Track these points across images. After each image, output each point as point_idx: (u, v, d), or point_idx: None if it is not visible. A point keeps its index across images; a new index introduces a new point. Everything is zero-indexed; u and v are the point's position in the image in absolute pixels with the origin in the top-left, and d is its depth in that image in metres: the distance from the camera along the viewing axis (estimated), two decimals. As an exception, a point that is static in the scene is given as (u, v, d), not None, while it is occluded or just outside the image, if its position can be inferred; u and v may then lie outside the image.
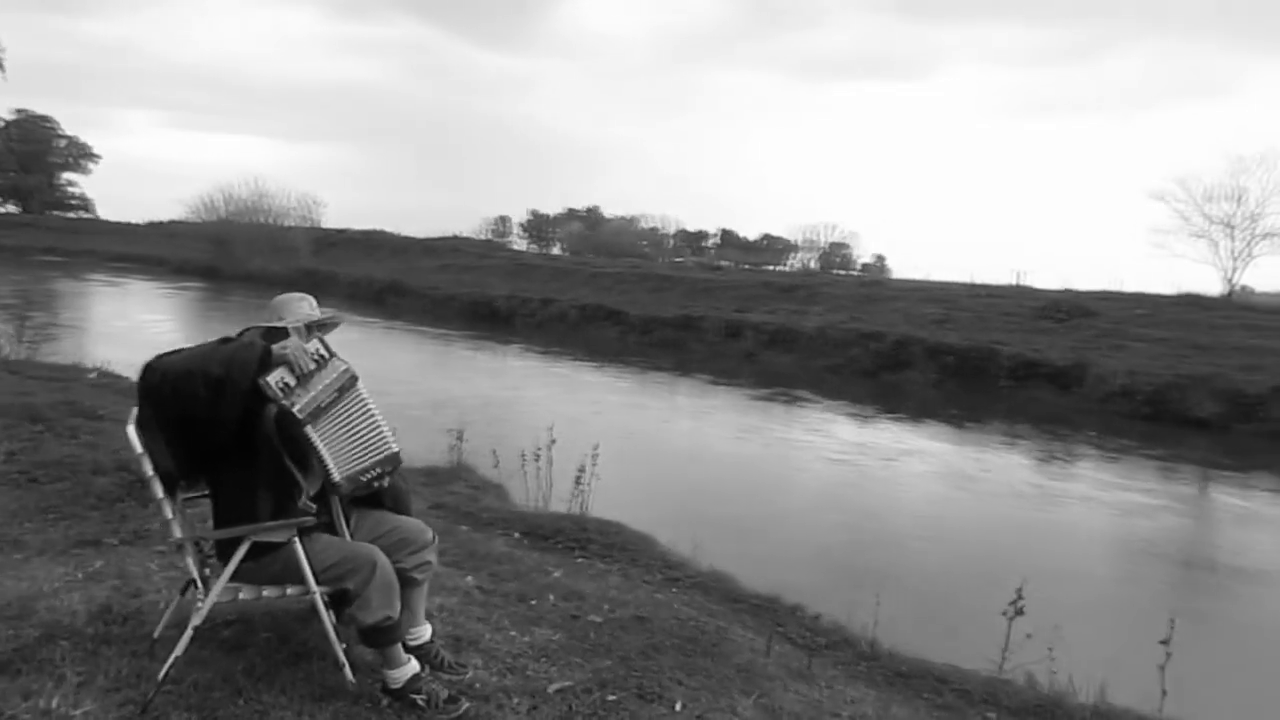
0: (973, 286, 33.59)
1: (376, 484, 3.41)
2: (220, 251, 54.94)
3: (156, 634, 3.60)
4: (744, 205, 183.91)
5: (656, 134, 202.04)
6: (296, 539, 3.21)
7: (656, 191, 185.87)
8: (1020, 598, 5.25)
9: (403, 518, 3.62)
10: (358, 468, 3.31)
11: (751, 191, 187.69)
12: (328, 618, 3.32)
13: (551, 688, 3.75)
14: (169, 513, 3.13)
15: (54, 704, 3.05)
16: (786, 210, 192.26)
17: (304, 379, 3.22)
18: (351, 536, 3.44)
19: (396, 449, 3.44)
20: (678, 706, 3.77)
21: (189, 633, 3.20)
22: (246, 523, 3.19)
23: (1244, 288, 31.34)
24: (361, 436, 3.33)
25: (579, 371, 24.82)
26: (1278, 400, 20.21)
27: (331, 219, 66.50)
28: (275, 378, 3.18)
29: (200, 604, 3.19)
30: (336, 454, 3.27)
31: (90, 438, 7.40)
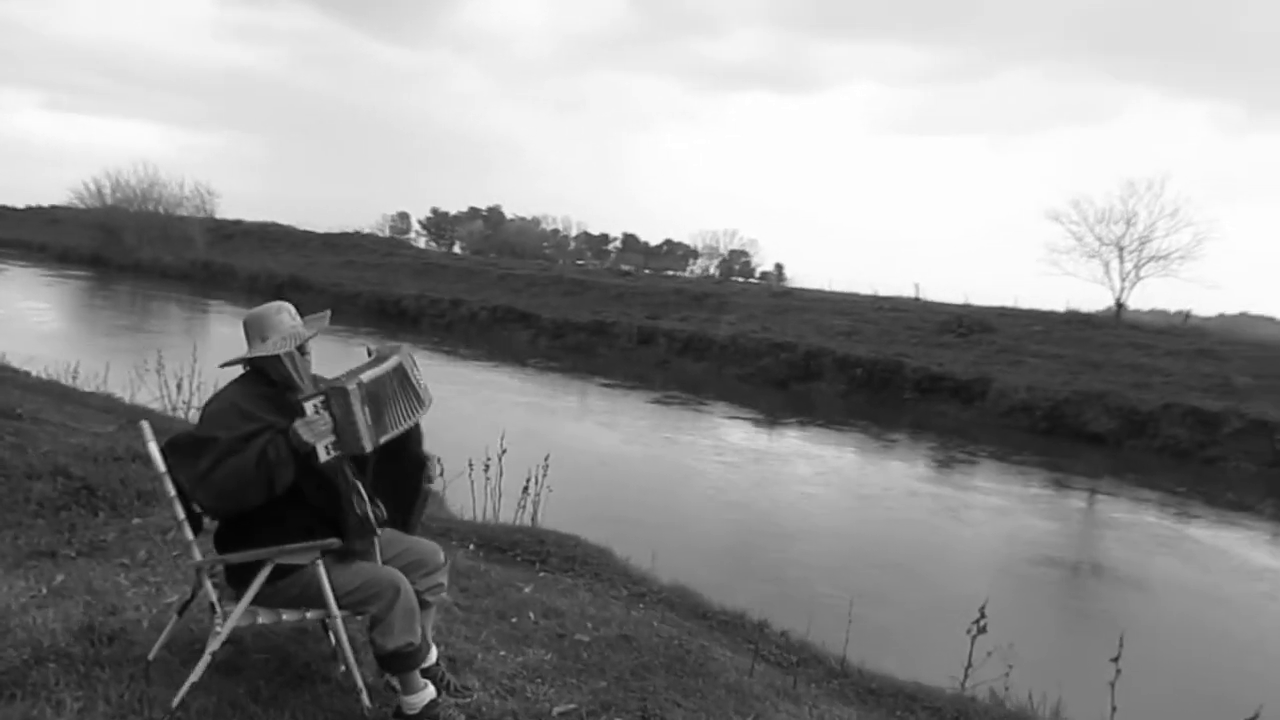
0: (877, 299, 34.45)
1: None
2: (108, 239, 52.76)
3: (151, 656, 3.42)
4: (646, 210, 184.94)
5: (558, 134, 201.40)
6: (320, 562, 3.10)
7: (559, 193, 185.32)
8: (983, 616, 5.40)
9: (415, 539, 3.53)
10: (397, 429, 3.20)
11: (654, 196, 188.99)
12: (347, 643, 3.21)
13: (555, 710, 3.70)
14: (189, 534, 2.98)
15: (56, 733, 2.88)
16: (688, 216, 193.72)
17: (338, 429, 3.07)
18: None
19: (398, 360, 3.31)
20: (683, 729, 3.77)
21: (206, 658, 3.06)
22: (267, 545, 3.06)
23: (1117, 307, 32.85)
24: (396, 405, 3.20)
25: (495, 374, 24.62)
26: (1167, 417, 21.28)
27: (226, 210, 64.32)
28: (323, 454, 3.03)
29: (219, 629, 3.05)
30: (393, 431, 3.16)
31: (13, 439, 7.00)
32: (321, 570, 3.10)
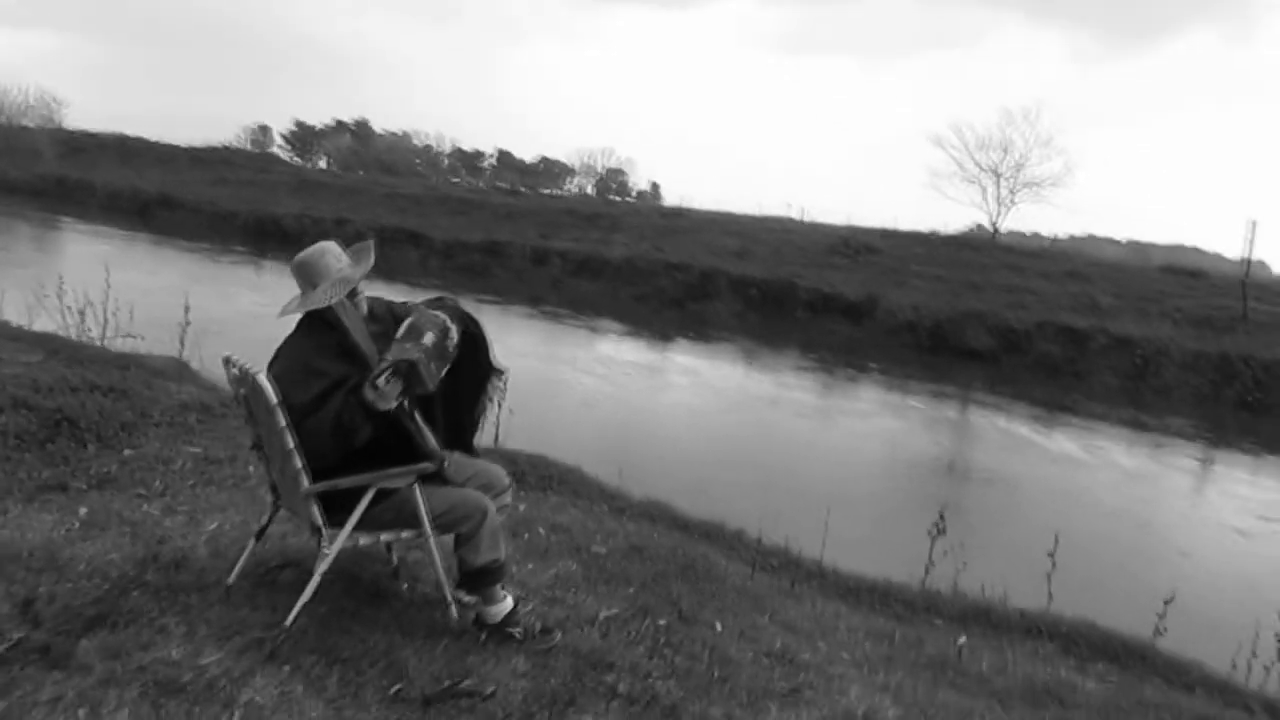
0: (767, 220, 35.14)
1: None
2: (-57, 151, 48.93)
3: (231, 580, 3.56)
4: (521, 126, 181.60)
5: (431, 45, 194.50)
6: (416, 486, 3.28)
7: (431, 107, 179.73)
8: (943, 519, 5.93)
9: (484, 463, 3.73)
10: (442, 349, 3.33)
11: (529, 112, 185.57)
12: (439, 562, 3.42)
13: (602, 614, 4.00)
14: (298, 463, 3.10)
15: (176, 655, 3.02)
16: (564, 134, 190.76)
17: (409, 386, 3.19)
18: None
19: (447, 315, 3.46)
20: (718, 627, 4.12)
21: (316, 579, 3.22)
22: (368, 471, 3.21)
23: (993, 230, 34.42)
24: (431, 337, 3.31)
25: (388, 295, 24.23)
26: (1040, 334, 22.66)
27: (75, 121, 60.34)
28: (393, 396, 3.14)
29: (326, 551, 3.21)
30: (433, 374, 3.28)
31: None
32: (418, 493, 3.28)
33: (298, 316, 3.39)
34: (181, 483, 4.84)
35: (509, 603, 3.53)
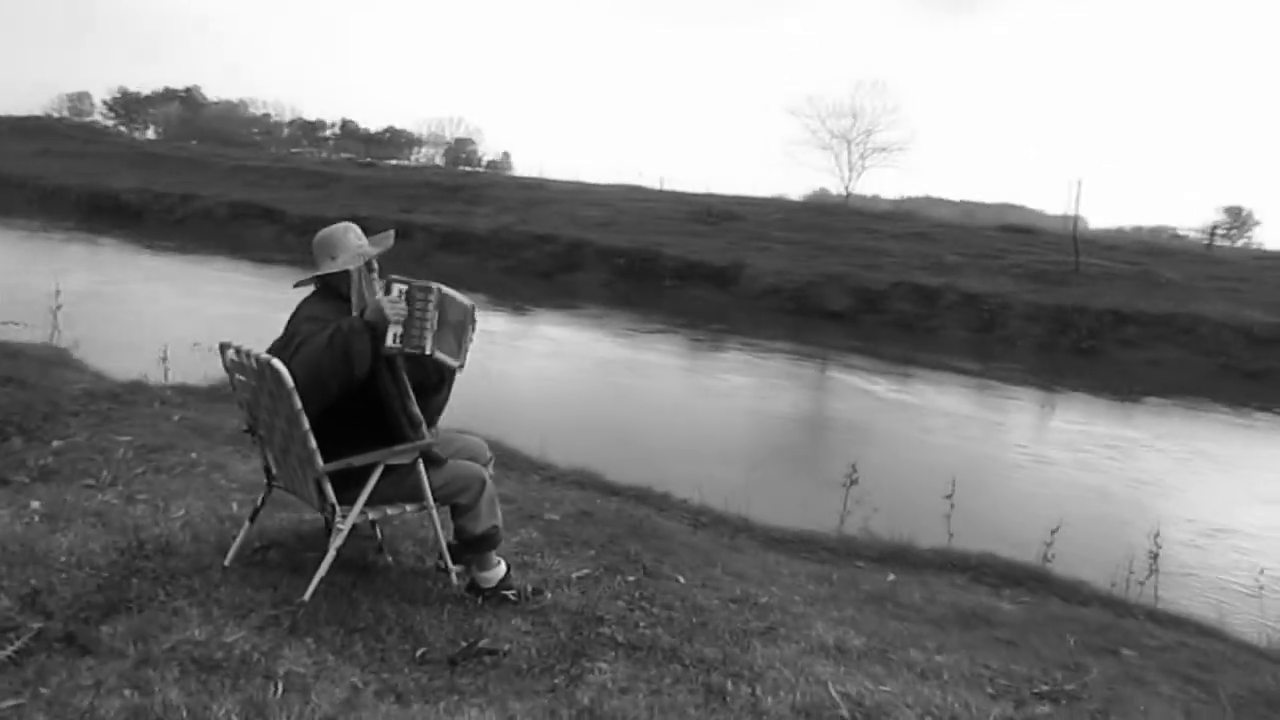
0: (628, 189, 35.48)
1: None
2: None
3: (227, 562, 3.63)
4: (365, 94, 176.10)
5: (265, 8, 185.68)
6: (420, 461, 3.43)
7: (267, 75, 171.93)
8: (855, 472, 6.40)
9: (465, 435, 3.89)
10: (466, 342, 3.52)
11: (374, 80, 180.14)
12: (441, 532, 3.58)
13: (574, 575, 4.23)
14: (312, 444, 3.20)
15: (200, 635, 3.10)
16: (410, 103, 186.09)
17: (408, 321, 3.36)
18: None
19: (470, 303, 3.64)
20: (681, 579, 4.42)
21: (331, 554, 3.34)
22: (374, 450, 3.34)
23: (846, 195, 35.82)
24: (455, 316, 3.49)
25: (247, 275, 23.48)
26: (896, 294, 23.85)
27: None
28: (389, 339, 3.30)
29: (340, 526, 3.33)
30: (450, 351, 3.45)
31: None
32: (422, 467, 3.43)
33: (305, 294, 3.51)
34: (130, 471, 4.79)
35: (502, 568, 3.72)
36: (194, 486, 4.67)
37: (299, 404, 3.15)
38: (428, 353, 3.41)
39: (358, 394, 3.34)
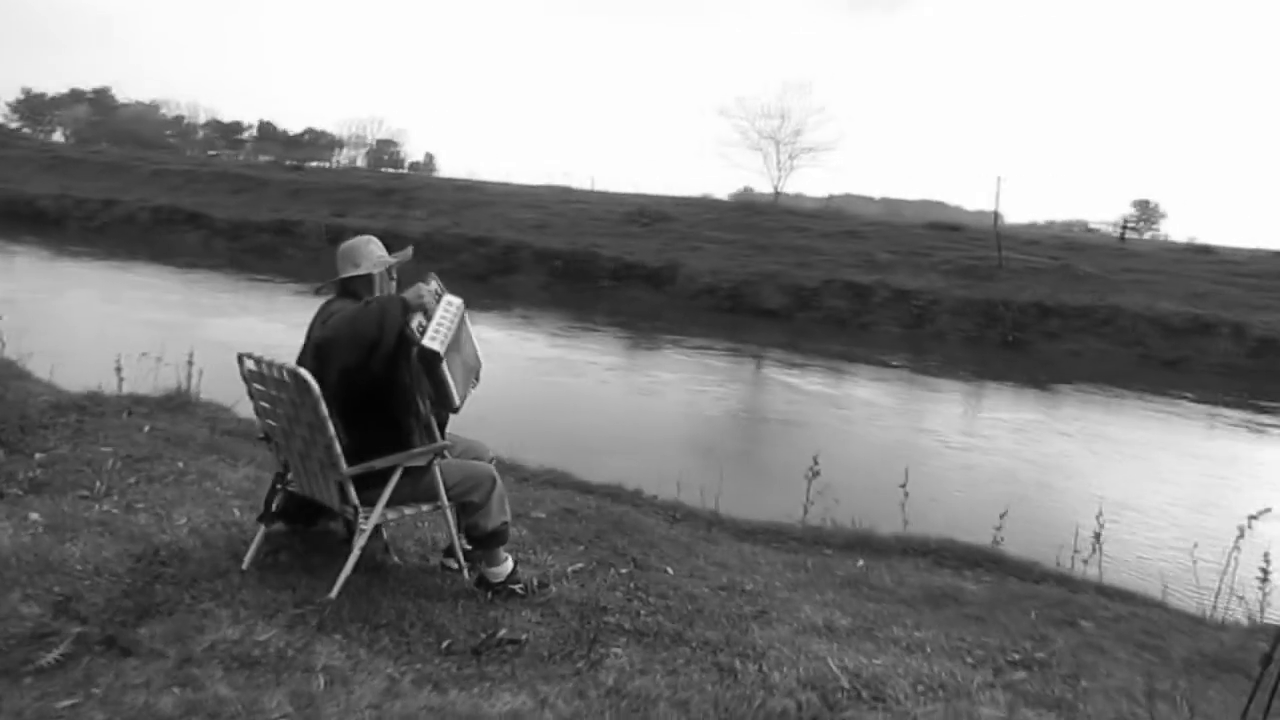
0: (560, 191, 35.58)
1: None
2: None
3: (245, 565, 3.74)
4: (283, 95, 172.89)
5: (173, 6, 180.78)
6: (436, 462, 3.59)
7: (180, 75, 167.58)
8: (816, 463, 6.69)
9: (467, 437, 4.06)
10: (469, 389, 3.75)
11: (292, 81, 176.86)
12: (455, 530, 3.75)
13: (570, 569, 4.43)
14: (337, 449, 3.35)
15: (234, 634, 3.22)
16: (330, 104, 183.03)
17: (433, 318, 3.57)
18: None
19: (481, 359, 3.91)
20: (670, 570, 4.64)
21: (356, 553, 3.49)
22: (393, 453, 3.50)
23: (776, 194, 36.44)
24: (470, 358, 3.75)
25: (179, 281, 23.06)
26: (828, 291, 24.37)
27: None
28: (415, 322, 3.51)
29: (363, 526, 3.47)
30: (457, 380, 3.66)
31: None
32: (437, 469, 3.60)
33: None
34: (122, 482, 4.84)
35: (510, 563, 3.90)
36: (189, 495, 4.74)
37: (325, 410, 3.29)
38: (439, 353, 3.58)
39: (376, 402, 3.50)
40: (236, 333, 15.58)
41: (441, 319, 3.61)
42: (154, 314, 16.87)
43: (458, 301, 3.74)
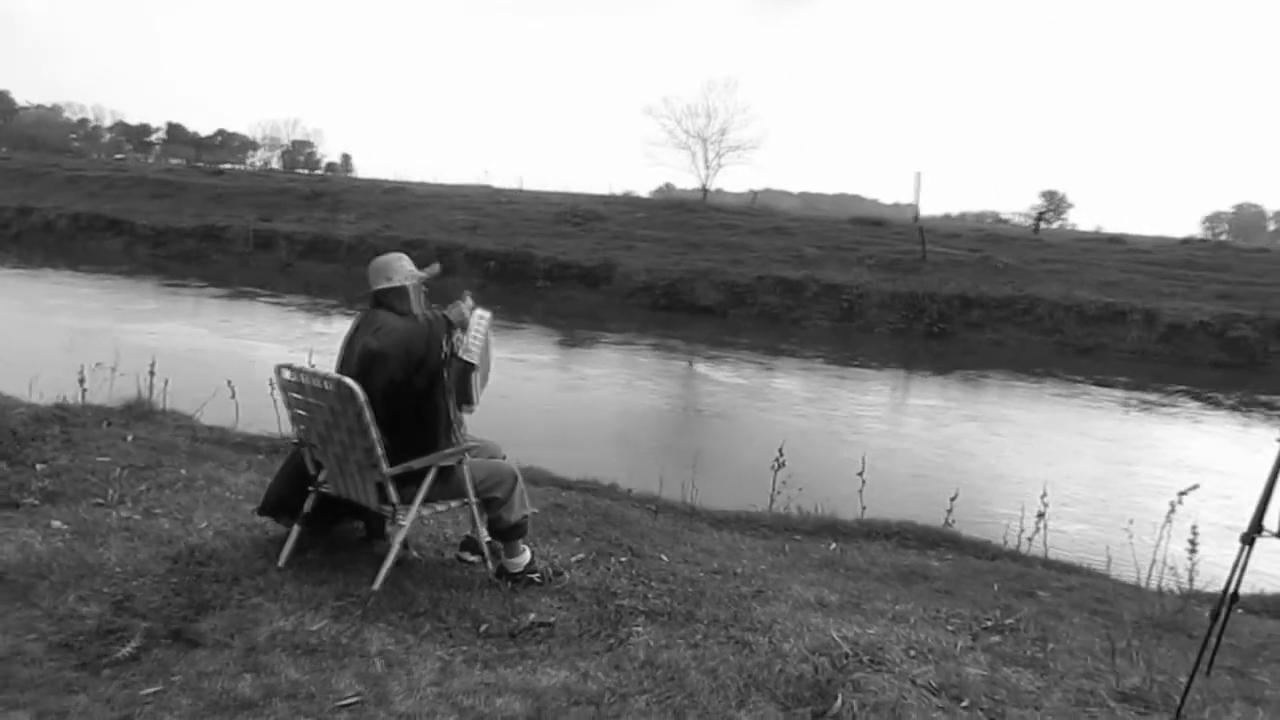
0: (494, 192, 35.60)
1: None
2: None
3: (282, 563, 3.96)
4: (192, 96, 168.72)
5: (70, 7, 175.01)
6: (465, 462, 3.86)
7: (82, 78, 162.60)
8: (781, 455, 7.08)
9: (483, 438, 4.32)
10: (483, 390, 4.03)
11: (200, 82, 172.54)
12: (481, 523, 4.02)
13: (574, 559, 4.72)
14: (379, 451, 3.59)
15: (287, 625, 3.45)
16: (242, 104, 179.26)
17: (469, 334, 3.84)
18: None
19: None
20: (664, 558, 4.96)
21: (395, 548, 3.74)
22: (425, 454, 3.76)
23: (704, 192, 36.90)
24: (488, 363, 4.03)
25: (108, 289, 22.61)
26: (761, 287, 24.94)
27: None
28: (455, 340, 3.78)
29: (402, 523, 3.72)
30: (478, 384, 3.94)
31: None
32: (466, 468, 3.86)
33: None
34: (133, 489, 4.98)
35: (528, 554, 4.18)
36: (201, 500, 4.91)
37: (368, 416, 3.54)
38: (475, 365, 3.87)
39: (413, 409, 3.76)
40: (186, 339, 15.48)
41: (476, 333, 3.89)
42: (90, 322, 16.63)
43: (488, 315, 4.02)
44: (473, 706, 3.01)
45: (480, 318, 4.04)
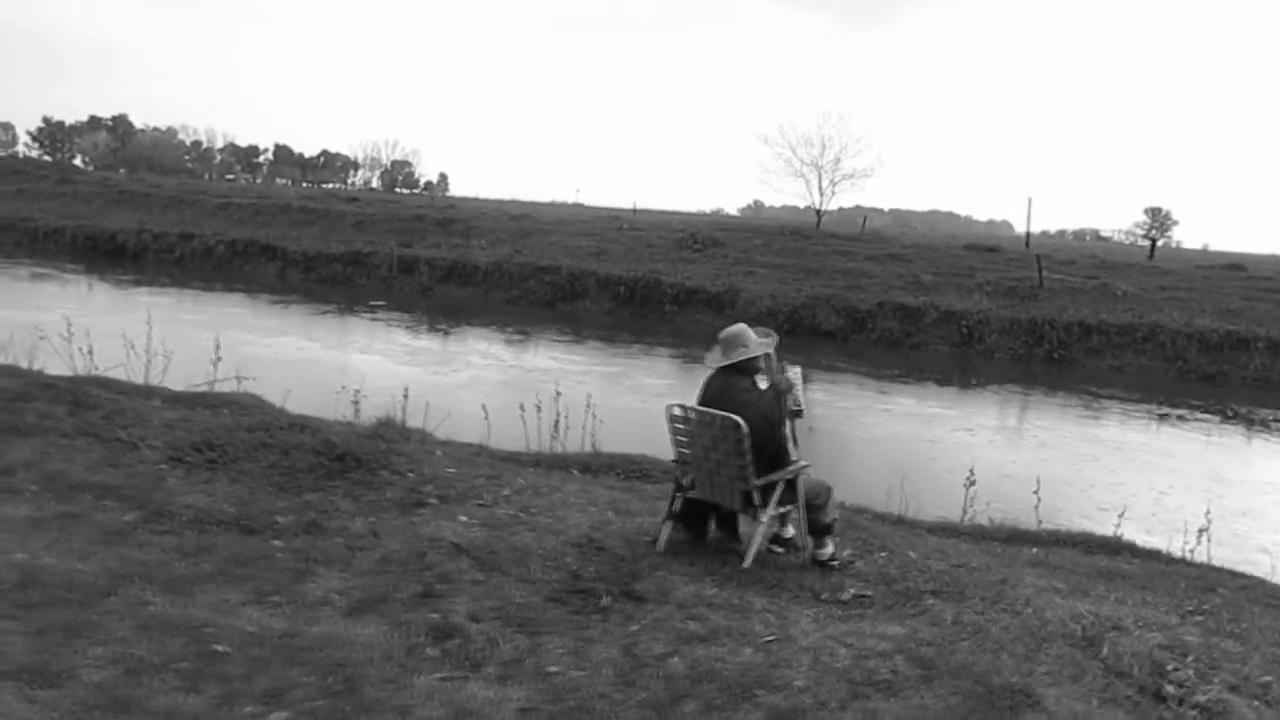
0: (610, 219, 37.33)
1: None
2: None
3: (660, 548, 5.39)
4: (296, 118, 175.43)
5: (177, 33, 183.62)
6: (801, 476, 5.25)
7: (194, 100, 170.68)
8: (972, 474, 8.31)
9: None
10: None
11: (304, 103, 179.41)
12: (804, 525, 5.41)
13: (845, 554, 6.04)
14: (752, 469, 5.00)
15: (691, 590, 4.86)
16: (343, 125, 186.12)
17: (797, 393, 5.25)
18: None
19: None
20: (912, 554, 6.25)
21: (759, 538, 5.17)
22: (775, 472, 5.16)
23: (818, 219, 38.05)
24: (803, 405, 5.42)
25: (284, 315, 24.75)
26: (881, 313, 25.99)
27: None
28: (791, 402, 5.19)
29: (763, 520, 5.13)
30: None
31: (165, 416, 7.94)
32: (800, 481, 5.25)
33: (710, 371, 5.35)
34: (499, 493, 6.47)
35: (831, 546, 5.54)
36: (558, 503, 6.38)
37: (749, 443, 4.95)
38: (801, 412, 5.26)
39: (763, 442, 5.16)
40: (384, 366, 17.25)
41: (801, 390, 5.27)
42: (303, 344, 18.57)
43: (799, 370, 5.39)
44: (853, 644, 4.37)
45: (796, 374, 5.39)
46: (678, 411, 5.30)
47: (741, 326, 5.56)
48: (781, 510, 5.34)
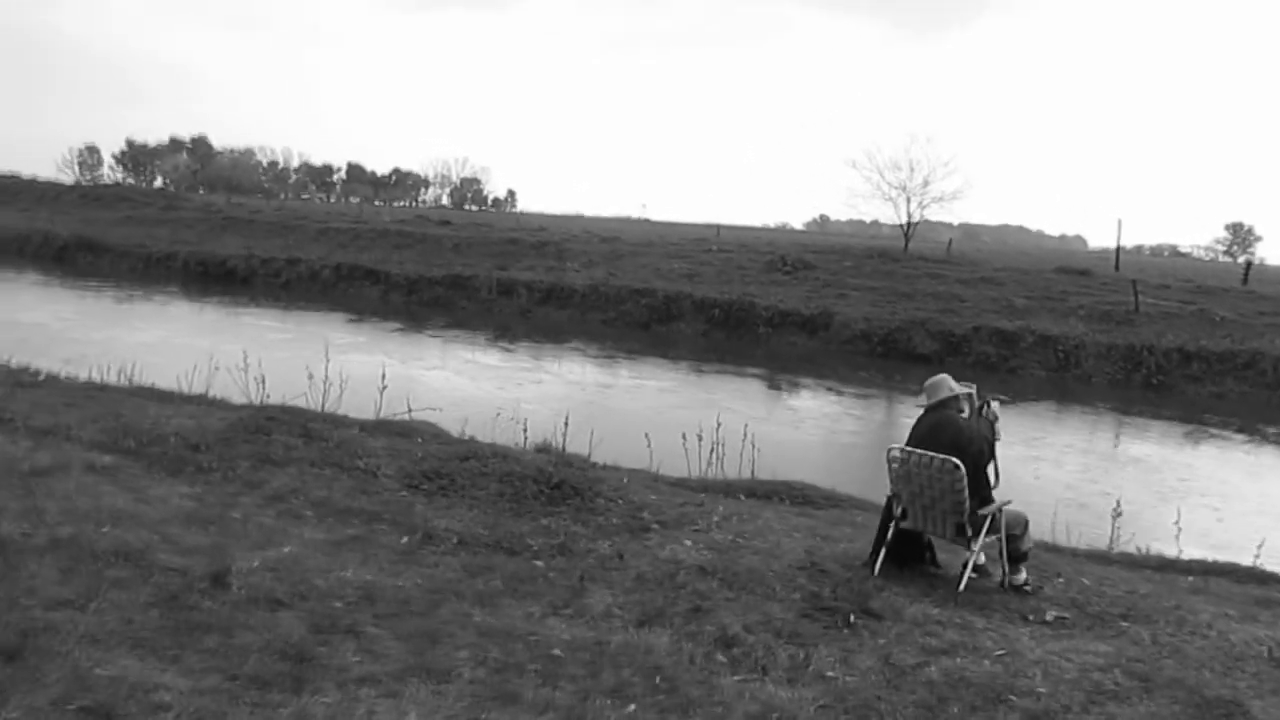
0: (696, 241, 38.19)
1: None
2: None
3: (875, 571, 6.16)
4: (368, 137, 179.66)
5: (245, 56, 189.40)
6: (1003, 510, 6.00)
7: (269, 121, 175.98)
8: (1119, 506, 8.93)
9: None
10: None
11: (374, 122, 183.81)
12: (1005, 552, 6.14)
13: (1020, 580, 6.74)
14: (967, 503, 5.76)
15: (914, 610, 5.61)
16: (413, 144, 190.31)
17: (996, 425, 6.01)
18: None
19: None
20: (1086, 580, 6.92)
21: (970, 564, 5.91)
22: (984, 507, 5.91)
23: (906, 242, 38.38)
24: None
25: (410, 340, 25.94)
26: (977, 337, 26.42)
27: None
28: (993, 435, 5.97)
29: (974, 549, 5.88)
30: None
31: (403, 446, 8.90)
32: (1003, 514, 5.99)
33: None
34: (708, 520, 7.29)
35: (1025, 573, 6.26)
36: (764, 529, 7.18)
37: (964, 482, 5.70)
38: (998, 443, 6.02)
39: (973, 475, 5.90)
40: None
41: (999, 424, 6.03)
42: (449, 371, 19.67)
43: (997, 404, 6.17)
44: (1073, 659, 5.10)
45: (997, 408, 6.15)
46: (897, 453, 6.08)
47: (943, 376, 6.31)
48: (987, 540, 6.07)
